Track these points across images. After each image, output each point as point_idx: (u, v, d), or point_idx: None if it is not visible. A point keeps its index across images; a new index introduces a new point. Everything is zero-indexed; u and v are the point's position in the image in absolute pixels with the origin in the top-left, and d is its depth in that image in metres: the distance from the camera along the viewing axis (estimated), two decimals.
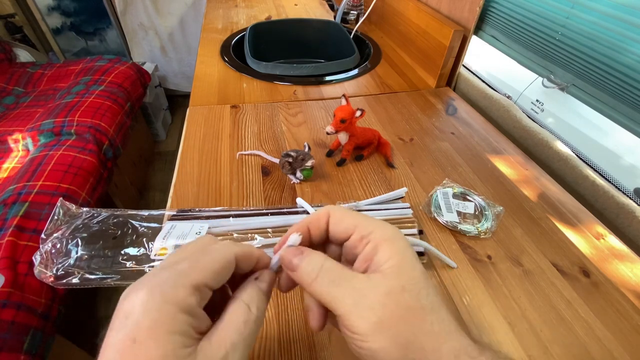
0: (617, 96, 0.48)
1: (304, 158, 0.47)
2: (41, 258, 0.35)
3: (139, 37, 1.93)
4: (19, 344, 0.72)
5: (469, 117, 0.66)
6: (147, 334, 0.16)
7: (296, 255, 0.22)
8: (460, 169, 0.54)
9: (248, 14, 1.13)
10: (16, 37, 1.77)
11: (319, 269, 0.21)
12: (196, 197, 0.46)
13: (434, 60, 0.74)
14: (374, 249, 0.21)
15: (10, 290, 0.73)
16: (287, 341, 0.32)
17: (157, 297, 0.17)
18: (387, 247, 0.21)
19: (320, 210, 0.24)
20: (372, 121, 0.64)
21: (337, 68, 0.80)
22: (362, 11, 1.09)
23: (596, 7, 0.48)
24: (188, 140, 0.57)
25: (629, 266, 0.41)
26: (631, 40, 0.44)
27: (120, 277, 0.35)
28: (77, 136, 1.14)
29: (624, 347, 0.33)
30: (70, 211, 0.40)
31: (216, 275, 0.20)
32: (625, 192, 0.48)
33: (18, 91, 1.44)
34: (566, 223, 0.46)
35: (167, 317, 0.17)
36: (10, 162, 1.10)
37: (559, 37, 0.54)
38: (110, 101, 1.30)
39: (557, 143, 0.56)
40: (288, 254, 0.22)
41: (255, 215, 0.42)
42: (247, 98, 0.69)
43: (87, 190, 1.02)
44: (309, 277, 0.21)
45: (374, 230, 0.22)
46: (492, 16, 0.67)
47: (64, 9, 1.81)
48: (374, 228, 0.22)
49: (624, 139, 0.50)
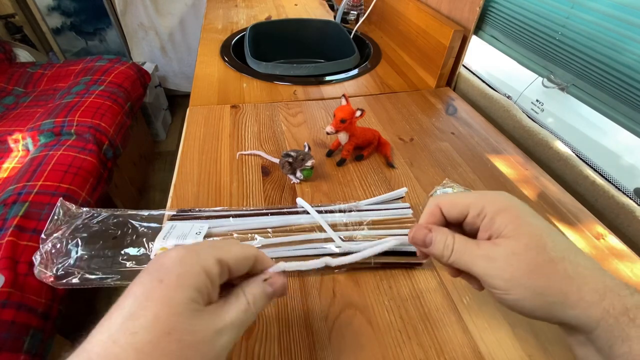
0: (617, 96, 0.48)
1: (304, 158, 0.47)
2: (41, 258, 0.35)
3: (139, 37, 1.93)
4: (19, 343, 0.72)
5: (469, 117, 0.66)
6: (175, 279, 0.19)
7: (427, 234, 0.25)
8: (460, 168, 0.54)
9: (248, 14, 1.13)
10: (16, 37, 1.77)
11: (452, 243, 0.24)
12: (196, 197, 0.46)
13: (434, 60, 0.74)
14: (490, 221, 0.23)
15: (10, 290, 0.73)
16: (287, 341, 0.32)
17: (193, 256, 0.21)
18: (502, 216, 0.23)
19: (430, 206, 0.26)
20: (372, 121, 0.64)
21: (337, 68, 0.80)
22: (362, 11, 1.09)
23: (596, 7, 0.48)
24: (188, 140, 0.57)
25: (629, 266, 0.41)
26: (631, 40, 0.44)
27: (120, 277, 0.35)
28: (77, 136, 1.14)
29: None
30: (70, 211, 0.40)
31: (238, 262, 0.23)
32: (625, 192, 0.48)
33: (18, 91, 1.44)
34: (566, 223, 0.46)
35: (195, 273, 0.20)
36: (10, 162, 1.10)
37: (559, 37, 0.54)
38: (110, 101, 1.30)
39: (557, 143, 0.56)
40: (419, 233, 0.26)
41: (255, 215, 0.42)
42: (247, 98, 0.69)
43: (87, 190, 1.02)
44: (446, 250, 0.24)
45: (485, 205, 0.24)
46: (492, 16, 0.67)
47: (64, 9, 1.81)
48: (484, 203, 0.24)
49: (624, 139, 0.50)
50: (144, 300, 0.18)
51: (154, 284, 0.19)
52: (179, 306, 0.19)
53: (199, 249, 0.21)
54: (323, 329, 0.33)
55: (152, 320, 0.18)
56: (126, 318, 0.18)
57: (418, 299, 0.36)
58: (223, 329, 0.20)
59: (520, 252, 0.22)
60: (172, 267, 0.20)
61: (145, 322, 0.18)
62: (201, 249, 0.21)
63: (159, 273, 0.19)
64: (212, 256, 0.21)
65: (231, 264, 0.22)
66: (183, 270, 0.20)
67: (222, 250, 0.22)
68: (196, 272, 0.20)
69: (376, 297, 0.36)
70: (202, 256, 0.21)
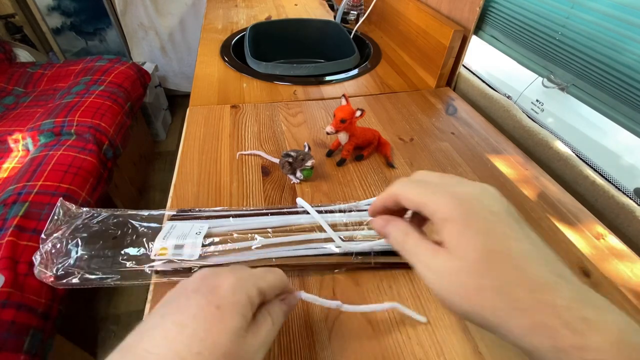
0: (617, 96, 0.48)
1: (304, 158, 0.47)
2: (41, 258, 0.35)
3: (139, 37, 1.93)
4: (19, 343, 0.72)
5: (469, 117, 0.66)
6: (230, 307, 0.22)
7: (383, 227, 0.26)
8: (460, 168, 0.54)
9: (248, 14, 1.13)
10: (16, 37, 1.77)
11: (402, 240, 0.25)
12: (196, 197, 0.46)
13: (434, 60, 0.74)
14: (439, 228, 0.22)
15: (10, 290, 0.73)
16: (287, 341, 0.32)
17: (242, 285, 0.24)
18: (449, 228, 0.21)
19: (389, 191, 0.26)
20: (372, 121, 0.64)
21: (337, 68, 0.80)
22: (362, 11, 1.09)
23: (596, 7, 0.48)
24: (188, 140, 0.57)
25: (629, 266, 0.41)
26: (631, 40, 0.44)
27: (120, 277, 0.35)
28: (77, 136, 1.14)
29: None
30: (70, 211, 0.40)
31: (273, 289, 0.26)
32: (625, 192, 0.48)
33: (18, 91, 1.44)
34: (566, 223, 0.46)
35: (244, 303, 0.23)
36: (10, 162, 1.10)
37: (559, 37, 0.54)
38: (110, 101, 1.30)
39: (557, 143, 0.56)
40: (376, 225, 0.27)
41: (255, 215, 0.42)
42: (247, 98, 0.69)
43: (87, 190, 1.02)
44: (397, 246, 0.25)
45: (436, 210, 0.22)
46: (492, 16, 0.67)
47: (64, 9, 1.81)
48: (435, 207, 0.22)
49: (624, 139, 0.50)
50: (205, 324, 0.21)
51: (212, 310, 0.22)
52: (233, 332, 0.21)
53: (245, 277, 0.24)
54: (323, 329, 0.33)
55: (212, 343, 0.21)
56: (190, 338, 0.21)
57: (418, 299, 0.36)
58: (259, 347, 0.23)
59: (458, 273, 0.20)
60: (227, 296, 0.23)
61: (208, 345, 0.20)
62: (247, 279, 0.24)
63: (214, 298, 0.22)
64: (255, 286, 0.24)
65: (268, 291, 0.25)
66: (236, 299, 0.23)
67: (262, 280, 0.25)
68: (245, 302, 0.23)
69: (376, 297, 0.36)
70: (249, 286, 0.24)
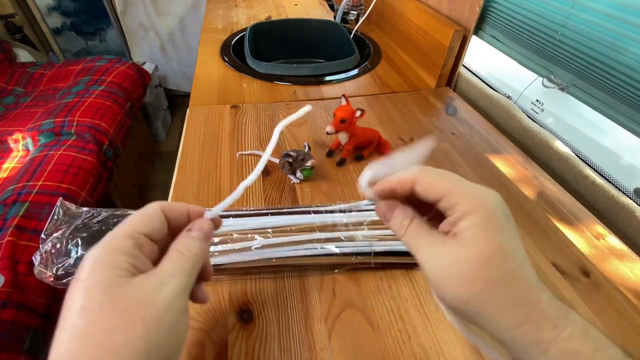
0: (617, 96, 0.48)
1: (304, 158, 0.47)
2: (41, 258, 0.35)
3: (139, 37, 1.93)
4: (19, 343, 0.72)
5: (469, 117, 0.66)
6: (87, 271, 0.20)
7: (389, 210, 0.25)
8: (460, 168, 0.54)
9: (248, 14, 1.13)
10: (16, 37, 1.77)
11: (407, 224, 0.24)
12: (196, 197, 0.46)
13: (434, 60, 0.74)
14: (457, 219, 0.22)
15: (10, 290, 0.73)
16: (287, 341, 0.32)
17: (99, 248, 0.21)
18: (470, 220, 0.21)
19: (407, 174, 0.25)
20: (372, 121, 0.64)
21: (337, 68, 0.80)
22: (362, 11, 1.09)
23: (596, 7, 0.48)
24: (188, 140, 0.57)
25: (629, 266, 0.41)
26: (631, 40, 0.44)
27: None
28: (77, 136, 1.14)
29: (624, 347, 0.33)
30: (70, 211, 0.40)
31: (144, 223, 0.23)
32: (625, 192, 0.48)
33: (18, 91, 1.44)
34: (566, 223, 0.46)
35: (104, 256, 0.21)
36: (10, 162, 1.10)
37: (559, 37, 0.54)
38: (110, 101, 1.30)
39: (557, 143, 0.56)
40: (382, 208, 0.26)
41: (255, 215, 0.42)
42: (247, 98, 0.69)
43: (87, 190, 1.02)
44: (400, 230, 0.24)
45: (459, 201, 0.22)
46: (492, 16, 0.67)
47: (64, 9, 1.81)
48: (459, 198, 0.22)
49: (624, 139, 0.50)
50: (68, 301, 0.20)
51: (73, 285, 0.20)
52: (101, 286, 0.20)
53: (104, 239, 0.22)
54: (323, 329, 0.33)
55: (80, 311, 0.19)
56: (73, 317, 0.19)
57: (418, 298, 0.36)
58: (161, 281, 0.21)
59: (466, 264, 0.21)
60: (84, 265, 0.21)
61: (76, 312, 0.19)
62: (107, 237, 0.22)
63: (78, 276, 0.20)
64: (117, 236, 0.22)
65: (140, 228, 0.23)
66: (92, 261, 0.21)
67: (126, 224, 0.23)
68: (107, 254, 0.21)
69: (376, 297, 0.36)
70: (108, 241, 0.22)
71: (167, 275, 0.21)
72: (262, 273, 0.38)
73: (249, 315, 0.34)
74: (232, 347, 0.32)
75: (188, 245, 0.24)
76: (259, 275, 0.38)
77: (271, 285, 0.37)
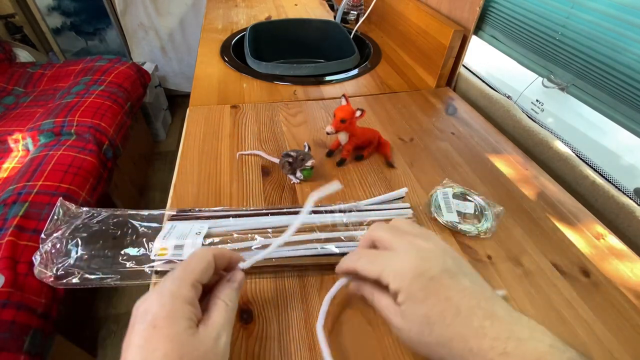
0: (617, 96, 0.48)
1: (304, 158, 0.47)
2: (41, 258, 0.35)
3: (139, 37, 1.93)
4: (19, 343, 0.72)
5: (469, 117, 0.66)
6: (164, 320, 0.23)
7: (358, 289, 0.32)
8: (460, 169, 0.54)
9: (248, 14, 1.13)
10: (16, 37, 1.77)
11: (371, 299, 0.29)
12: (196, 197, 0.46)
13: (434, 60, 0.74)
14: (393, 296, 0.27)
15: (10, 290, 0.73)
16: (287, 341, 0.32)
17: (167, 295, 0.24)
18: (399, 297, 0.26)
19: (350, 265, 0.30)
20: (372, 121, 0.64)
21: (337, 68, 0.80)
22: (362, 11, 1.09)
23: (596, 7, 0.48)
24: (188, 140, 0.57)
25: (628, 266, 0.41)
26: (631, 40, 0.44)
27: (120, 277, 0.35)
28: (77, 136, 1.14)
29: (624, 347, 0.33)
30: (70, 211, 0.40)
31: (203, 272, 0.26)
32: (625, 192, 0.48)
33: (18, 91, 1.44)
34: (566, 223, 0.46)
35: (177, 307, 0.24)
36: (10, 162, 1.10)
37: (559, 37, 0.54)
38: (110, 101, 1.30)
39: (557, 143, 0.56)
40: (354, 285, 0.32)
41: (255, 215, 0.42)
42: (247, 98, 0.69)
43: (87, 190, 1.02)
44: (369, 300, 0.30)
45: (389, 282, 0.27)
46: (492, 16, 0.67)
47: (64, 9, 1.81)
48: (388, 280, 0.27)
49: (624, 139, 0.50)
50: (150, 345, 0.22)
51: (151, 331, 0.22)
52: (179, 335, 0.22)
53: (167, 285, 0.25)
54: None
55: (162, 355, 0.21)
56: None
57: None
58: (218, 334, 0.24)
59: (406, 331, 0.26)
60: (157, 312, 0.23)
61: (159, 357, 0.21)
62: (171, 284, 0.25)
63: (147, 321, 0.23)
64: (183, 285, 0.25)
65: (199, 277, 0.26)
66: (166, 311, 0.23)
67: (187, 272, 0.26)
68: (178, 305, 0.24)
69: None
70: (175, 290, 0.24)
71: (220, 326, 0.25)
72: (262, 273, 0.38)
73: (249, 315, 0.34)
74: (232, 347, 0.32)
75: (230, 296, 0.27)
76: (259, 275, 0.38)
77: (271, 285, 0.37)
